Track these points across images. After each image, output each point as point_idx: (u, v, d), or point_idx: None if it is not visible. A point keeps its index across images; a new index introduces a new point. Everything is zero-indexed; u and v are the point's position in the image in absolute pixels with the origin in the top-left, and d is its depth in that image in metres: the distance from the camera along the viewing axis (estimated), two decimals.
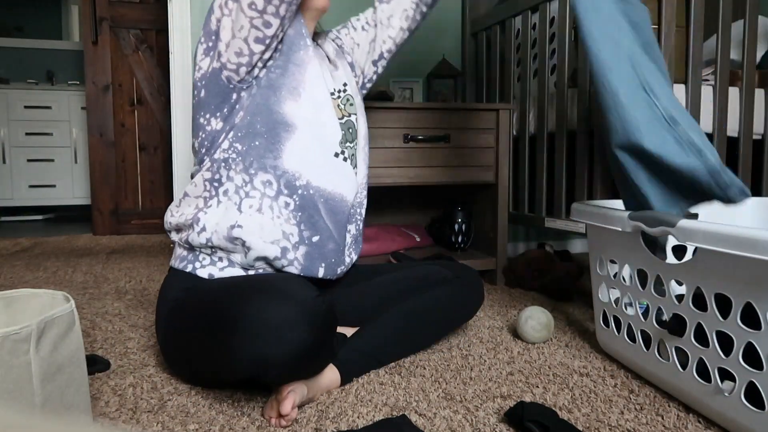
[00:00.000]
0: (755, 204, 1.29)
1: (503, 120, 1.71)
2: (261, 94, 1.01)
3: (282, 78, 1.02)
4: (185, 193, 1.07)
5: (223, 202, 1.01)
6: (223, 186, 1.02)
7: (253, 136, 1.01)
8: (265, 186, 1.01)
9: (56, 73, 3.95)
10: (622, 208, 1.06)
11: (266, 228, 1.00)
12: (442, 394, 0.96)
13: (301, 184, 1.02)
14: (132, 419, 0.86)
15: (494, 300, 1.59)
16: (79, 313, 1.45)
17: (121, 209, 2.97)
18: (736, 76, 1.74)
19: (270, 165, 1.01)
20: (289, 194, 1.01)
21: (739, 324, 0.76)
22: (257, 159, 1.00)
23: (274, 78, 1.02)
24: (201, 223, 1.01)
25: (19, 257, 2.26)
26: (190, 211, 1.04)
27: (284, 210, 1.01)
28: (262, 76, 1.02)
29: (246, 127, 1.01)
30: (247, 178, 1.01)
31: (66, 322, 0.70)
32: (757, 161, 1.81)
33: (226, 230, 0.99)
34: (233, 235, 0.99)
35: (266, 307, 0.80)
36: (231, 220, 1.00)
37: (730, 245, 0.73)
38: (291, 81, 1.02)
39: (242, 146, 1.01)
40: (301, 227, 1.03)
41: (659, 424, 0.85)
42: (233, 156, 1.01)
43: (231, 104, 1.02)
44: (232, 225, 0.99)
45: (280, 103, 1.01)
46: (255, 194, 1.01)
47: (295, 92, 1.02)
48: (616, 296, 1.07)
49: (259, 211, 1.00)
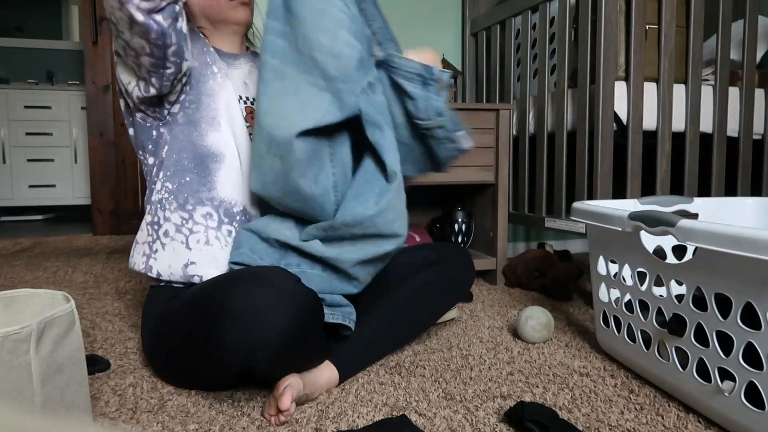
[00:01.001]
0: (755, 204, 1.29)
1: (503, 120, 1.71)
2: (183, 131, 1.02)
3: (198, 112, 1.03)
4: (135, 240, 1.09)
5: (167, 244, 1.02)
6: (162, 228, 1.03)
7: (183, 173, 1.02)
8: (206, 219, 1.02)
9: (56, 73, 3.95)
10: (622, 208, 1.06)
11: (219, 257, 1.01)
12: (442, 394, 0.96)
13: (238, 211, 1.03)
14: (132, 419, 0.86)
15: (494, 300, 1.59)
16: (79, 313, 1.45)
17: (121, 209, 2.97)
18: (736, 76, 1.74)
19: (206, 198, 1.02)
20: (230, 222, 1.02)
21: (739, 324, 0.76)
22: (192, 195, 1.02)
23: (191, 113, 1.03)
24: (154, 270, 1.02)
25: (19, 257, 2.26)
26: (141, 259, 1.05)
27: (229, 238, 1.02)
28: (178, 113, 1.03)
29: (174, 166, 1.02)
30: (186, 215, 1.02)
31: (66, 322, 0.70)
32: (757, 161, 1.81)
33: (180, 270, 1.00)
34: (189, 273, 1.00)
35: (248, 295, 0.81)
36: (182, 259, 1.01)
37: (730, 245, 0.73)
38: (208, 112, 1.03)
39: (173, 185, 1.02)
40: None
41: (659, 424, 0.85)
42: (166, 196, 1.03)
43: (154, 140, 1.05)
44: (185, 264, 1.00)
45: (202, 136, 1.02)
46: (199, 228, 1.01)
47: (215, 122, 1.03)
48: (616, 296, 1.07)
49: (207, 244, 1.01)
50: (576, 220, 1.11)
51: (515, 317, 1.42)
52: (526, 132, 1.84)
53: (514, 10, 1.84)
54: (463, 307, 1.51)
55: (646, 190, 1.91)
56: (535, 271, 1.68)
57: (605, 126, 1.49)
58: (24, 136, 3.49)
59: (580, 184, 1.57)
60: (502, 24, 1.97)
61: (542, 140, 1.74)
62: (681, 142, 1.63)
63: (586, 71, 1.53)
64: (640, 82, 1.50)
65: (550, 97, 1.72)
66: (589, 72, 1.53)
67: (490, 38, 2.05)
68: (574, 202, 1.14)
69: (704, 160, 1.75)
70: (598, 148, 1.49)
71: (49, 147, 3.53)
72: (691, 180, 1.60)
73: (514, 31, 1.90)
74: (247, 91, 1.11)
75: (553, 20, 1.71)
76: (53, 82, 3.88)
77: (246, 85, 1.12)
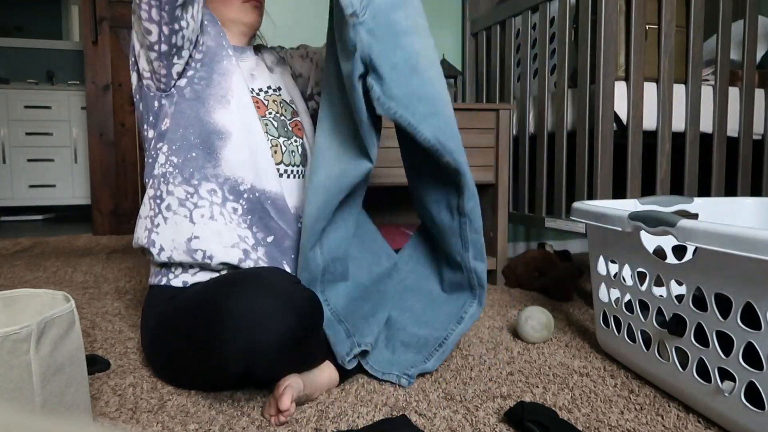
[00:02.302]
0: (755, 204, 1.29)
1: (503, 120, 1.71)
2: (189, 107, 1.02)
3: (208, 89, 1.04)
4: (138, 214, 1.08)
5: (169, 218, 1.02)
6: (164, 202, 1.02)
7: (189, 149, 1.02)
8: (211, 194, 1.01)
9: (56, 73, 3.95)
10: (622, 208, 1.06)
11: (223, 233, 1.01)
12: (442, 394, 0.96)
13: (245, 188, 1.03)
14: (132, 419, 0.86)
15: (494, 300, 1.59)
16: (79, 313, 1.45)
17: (121, 209, 2.97)
18: (736, 76, 1.74)
19: (211, 174, 1.01)
20: (235, 200, 1.02)
21: (739, 324, 0.76)
22: (197, 170, 1.01)
23: (200, 89, 1.03)
24: (157, 244, 1.02)
25: (19, 257, 2.26)
26: (143, 233, 1.05)
27: (234, 215, 1.02)
28: (185, 87, 1.03)
29: (180, 140, 1.02)
30: (191, 189, 1.01)
31: (66, 322, 0.70)
32: (757, 161, 1.81)
33: (184, 244, 1.00)
34: (192, 247, 1.00)
35: (249, 300, 0.81)
36: (186, 233, 1.00)
37: (730, 245, 0.73)
38: (218, 90, 1.04)
39: (178, 159, 1.02)
40: (253, 230, 1.03)
41: (659, 424, 0.85)
42: (170, 170, 1.02)
43: (155, 112, 1.05)
44: (189, 238, 1.00)
45: (210, 113, 1.02)
46: (204, 203, 1.01)
47: (224, 100, 1.03)
48: (616, 296, 1.07)
49: (212, 219, 1.01)
50: (576, 220, 1.11)
51: (515, 317, 1.42)
52: (526, 132, 1.84)
53: (514, 10, 1.84)
54: None
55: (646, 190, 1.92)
56: (535, 271, 1.68)
57: (605, 126, 1.49)
58: (24, 136, 3.48)
59: (580, 184, 1.57)
60: (502, 24, 1.97)
61: (542, 140, 1.74)
62: (681, 142, 1.63)
63: (586, 71, 1.53)
64: (640, 82, 1.50)
65: (550, 97, 1.72)
66: (589, 72, 1.53)
67: (490, 38, 2.05)
68: (574, 202, 1.14)
69: (704, 160, 1.75)
70: (598, 148, 1.49)
71: (49, 147, 3.53)
72: (691, 180, 1.60)
73: (514, 31, 1.90)
74: (253, 82, 1.14)
75: (553, 20, 1.71)
76: (53, 82, 3.88)
77: (253, 76, 1.14)
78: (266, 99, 1.13)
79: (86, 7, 2.80)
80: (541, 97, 1.73)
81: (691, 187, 1.61)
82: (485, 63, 2.10)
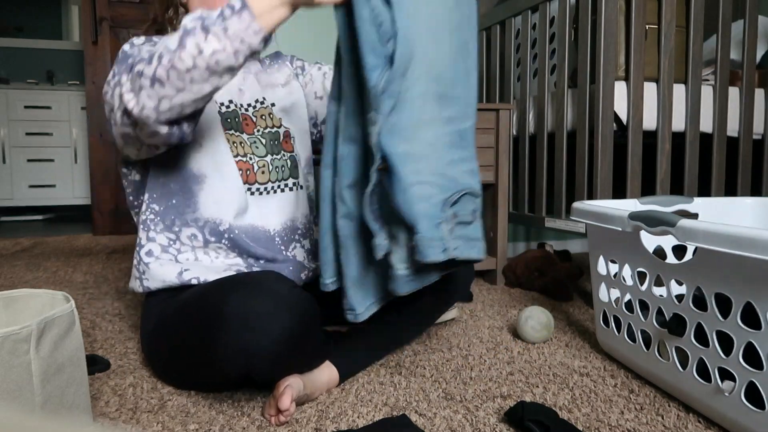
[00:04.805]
0: (755, 204, 1.29)
1: (503, 120, 1.71)
2: (169, 156, 1.00)
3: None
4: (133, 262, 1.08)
5: (151, 263, 1.01)
6: (144, 248, 1.01)
7: (169, 196, 1.01)
8: (191, 240, 1.01)
9: (56, 73, 3.95)
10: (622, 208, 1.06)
11: (213, 266, 1.01)
12: (442, 394, 0.96)
13: (224, 228, 1.01)
14: (132, 419, 0.86)
15: (494, 300, 1.59)
16: (79, 313, 1.45)
17: (121, 209, 2.97)
18: (736, 76, 1.74)
19: (191, 219, 1.01)
20: (217, 240, 1.01)
21: (739, 324, 0.76)
22: (178, 216, 1.01)
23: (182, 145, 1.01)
24: (151, 288, 1.01)
25: (19, 257, 2.26)
26: (136, 282, 1.04)
27: (220, 251, 1.02)
28: None
29: (160, 188, 1.01)
30: (172, 236, 1.01)
31: (66, 322, 0.70)
32: (757, 161, 1.81)
33: (176, 279, 1.00)
34: (184, 279, 1.00)
35: (247, 302, 0.81)
36: (174, 271, 1.00)
37: (730, 245, 0.73)
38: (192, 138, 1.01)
39: (159, 207, 1.02)
40: (243, 257, 1.03)
41: (659, 424, 0.85)
42: (151, 217, 1.02)
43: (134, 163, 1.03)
44: (179, 272, 1.00)
45: (186, 159, 1.01)
46: (186, 249, 1.01)
47: (196, 144, 1.01)
48: (616, 296, 1.07)
49: (197, 260, 1.01)
50: (576, 220, 1.11)
51: (515, 317, 1.42)
52: (526, 132, 1.84)
53: (514, 10, 1.84)
54: (463, 307, 1.51)
55: (646, 190, 1.92)
56: (535, 271, 1.68)
57: (605, 126, 1.49)
58: (24, 136, 3.48)
59: (580, 184, 1.57)
60: (502, 24, 1.97)
61: (542, 140, 1.74)
62: (681, 142, 1.63)
63: (586, 71, 1.53)
64: (640, 82, 1.50)
65: (550, 97, 1.72)
66: (589, 72, 1.53)
67: (490, 38, 2.05)
68: (574, 202, 1.14)
69: (704, 160, 1.75)
70: (598, 148, 1.49)
71: (49, 147, 3.53)
72: (691, 180, 1.60)
73: (514, 31, 1.90)
74: (241, 97, 1.09)
75: (553, 20, 1.71)
76: (53, 82, 3.88)
77: (241, 91, 1.09)
78: (254, 115, 1.09)
79: (86, 7, 2.80)
80: (541, 97, 1.73)
81: (691, 187, 1.61)
82: (485, 63, 2.10)
